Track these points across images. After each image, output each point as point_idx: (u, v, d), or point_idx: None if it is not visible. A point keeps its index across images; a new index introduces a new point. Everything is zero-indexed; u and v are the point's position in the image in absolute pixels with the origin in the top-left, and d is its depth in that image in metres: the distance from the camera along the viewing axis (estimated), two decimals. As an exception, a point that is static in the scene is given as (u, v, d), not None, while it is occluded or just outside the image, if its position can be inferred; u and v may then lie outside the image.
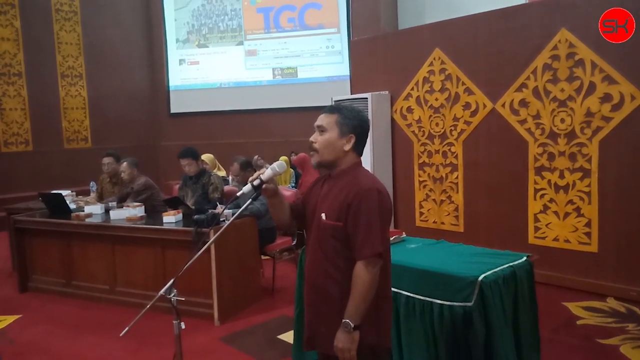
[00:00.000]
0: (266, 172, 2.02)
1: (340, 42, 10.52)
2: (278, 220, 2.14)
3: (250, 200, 2.09)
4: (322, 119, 1.97)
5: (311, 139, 1.97)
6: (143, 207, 4.89)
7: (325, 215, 1.91)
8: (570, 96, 4.62)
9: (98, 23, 10.71)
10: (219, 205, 4.70)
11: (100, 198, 5.66)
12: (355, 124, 1.96)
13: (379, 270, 1.84)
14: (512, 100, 5.01)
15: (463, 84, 5.38)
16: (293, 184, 8.41)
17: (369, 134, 2.04)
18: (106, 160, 5.62)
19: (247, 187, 2.00)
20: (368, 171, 2.03)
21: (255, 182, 1.97)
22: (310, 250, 2.00)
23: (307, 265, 2.02)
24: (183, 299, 2.16)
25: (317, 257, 1.96)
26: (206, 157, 6.68)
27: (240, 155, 5.16)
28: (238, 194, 2.05)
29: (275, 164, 2.05)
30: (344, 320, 1.82)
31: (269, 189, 1.96)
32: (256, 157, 8.52)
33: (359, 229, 1.83)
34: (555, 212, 4.79)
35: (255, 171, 5.34)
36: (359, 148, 1.99)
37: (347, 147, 1.95)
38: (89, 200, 5.70)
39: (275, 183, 1.99)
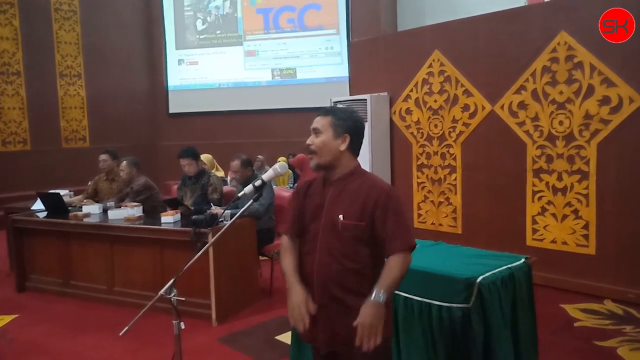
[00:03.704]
0: (267, 173, 2.05)
1: (339, 43, 10.53)
2: None
3: (251, 201, 2.09)
4: (317, 122, 2.02)
5: (308, 141, 2.00)
6: (141, 207, 4.89)
7: (344, 216, 1.93)
8: (569, 99, 4.63)
9: (97, 22, 10.71)
10: (213, 206, 4.71)
11: (92, 198, 5.64)
12: (349, 125, 2.00)
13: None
14: (511, 102, 5.02)
15: (462, 85, 5.39)
16: (291, 185, 8.42)
17: (368, 135, 2.08)
18: (102, 157, 5.63)
19: (248, 188, 2.01)
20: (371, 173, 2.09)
21: (257, 183, 1.99)
22: (321, 252, 1.98)
23: (317, 267, 1.99)
24: (183, 299, 2.16)
25: (331, 257, 1.95)
26: (204, 157, 6.68)
27: (242, 153, 5.15)
28: (239, 194, 2.06)
29: (276, 165, 2.09)
30: (377, 292, 1.81)
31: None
32: (259, 157, 8.53)
33: (391, 225, 1.90)
34: (553, 214, 4.80)
35: (255, 171, 5.36)
36: (354, 148, 2.03)
37: (343, 147, 1.98)
38: (75, 200, 5.70)
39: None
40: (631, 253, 4.38)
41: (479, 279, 2.53)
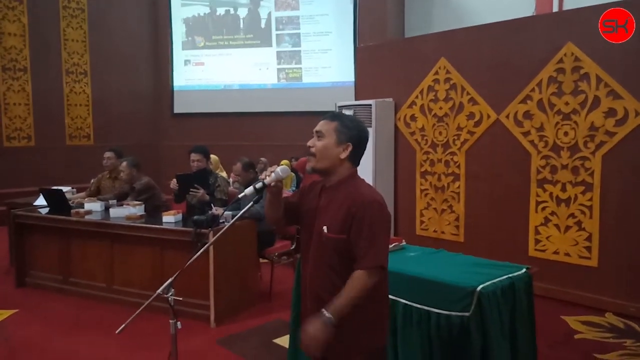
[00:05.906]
0: (269, 176, 2.03)
1: (346, 48, 10.53)
2: (270, 216, 2.11)
3: (252, 202, 2.08)
4: (321, 125, 1.98)
5: (309, 143, 1.97)
6: (143, 206, 4.89)
7: (328, 228, 1.90)
8: (575, 110, 4.62)
9: (105, 21, 10.75)
10: (214, 207, 4.70)
11: (95, 195, 5.64)
12: (353, 134, 1.95)
13: (377, 280, 1.84)
14: (516, 111, 5.00)
15: (467, 94, 5.38)
16: (294, 188, 8.41)
17: (372, 140, 2.05)
18: (107, 154, 5.66)
19: (249, 190, 1.99)
20: (365, 181, 2.01)
21: (258, 185, 1.97)
22: (312, 262, 1.97)
23: (310, 278, 1.98)
24: (180, 298, 2.15)
25: (320, 270, 1.94)
26: (211, 158, 6.69)
27: (244, 157, 5.16)
28: (240, 195, 2.05)
29: (278, 169, 2.06)
30: (326, 315, 1.76)
31: (278, 187, 1.97)
32: (262, 159, 8.52)
33: (362, 240, 1.83)
34: (556, 225, 4.78)
35: (257, 173, 5.35)
36: (355, 158, 1.98)
37: (344, 155, 1.94)
38: (77, 197, 5.70)
39: (281, 183, 1.99)
40: (634, 266, 4.35)
41: (478, 288, 2.50)
